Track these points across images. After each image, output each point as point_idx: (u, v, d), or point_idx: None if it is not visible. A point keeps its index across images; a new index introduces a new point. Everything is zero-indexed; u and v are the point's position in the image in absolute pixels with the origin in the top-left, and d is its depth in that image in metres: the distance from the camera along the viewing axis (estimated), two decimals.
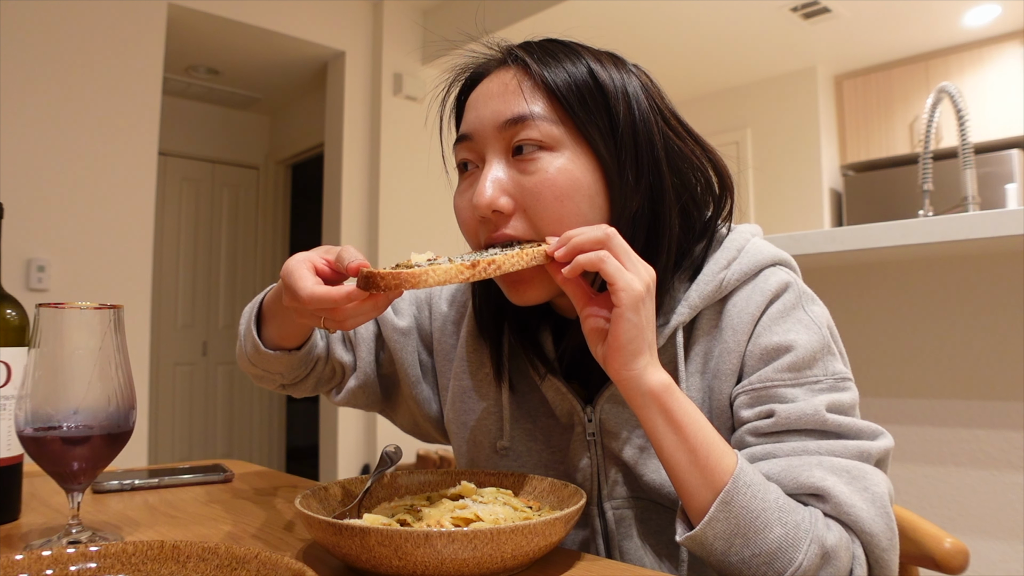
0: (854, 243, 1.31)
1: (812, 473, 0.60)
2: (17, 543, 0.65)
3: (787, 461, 0.62)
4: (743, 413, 0.67)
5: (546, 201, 0.66)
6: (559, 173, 0.66)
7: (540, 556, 0.57)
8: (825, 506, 0.60)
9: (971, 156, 1.82)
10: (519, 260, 0.61)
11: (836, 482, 0.60)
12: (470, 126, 0.71)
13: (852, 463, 0.61)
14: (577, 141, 0.68)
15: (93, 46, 3.11)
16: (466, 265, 0.58)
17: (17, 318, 0.73)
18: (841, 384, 0.65)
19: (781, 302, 0.68)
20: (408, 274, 0.56)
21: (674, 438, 0.60)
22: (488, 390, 0.81)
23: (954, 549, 0.75)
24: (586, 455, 0.74)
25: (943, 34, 4.19)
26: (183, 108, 4.78)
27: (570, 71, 0.68)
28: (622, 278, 0.59)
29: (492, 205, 0.66)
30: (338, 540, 0.53)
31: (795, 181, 4.65)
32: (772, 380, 0.65)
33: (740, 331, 0.68)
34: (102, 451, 0.63)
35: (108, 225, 3.12)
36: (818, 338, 0.66)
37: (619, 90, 0.68)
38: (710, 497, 0.58)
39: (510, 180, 0.67)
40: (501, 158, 0.68)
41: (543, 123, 0.67)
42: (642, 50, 4.29)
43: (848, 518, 0.59)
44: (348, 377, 0.87)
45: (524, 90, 0.68)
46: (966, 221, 1.21)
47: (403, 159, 4.09)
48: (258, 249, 5.14)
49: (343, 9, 4.04)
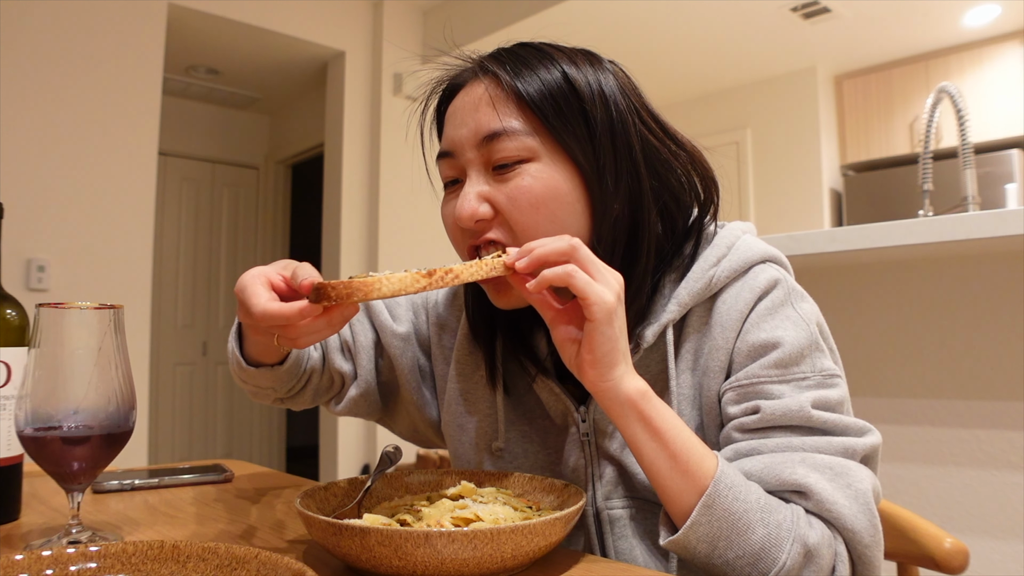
0: (854, 243, 1.31)
1: (795, 470, 0.60)
2: (17, 543, 0.65)
3: (770, 458, 0.62)
4: (730, 409, 0.67)
5: (523, 209, 0.67)
6: (536, 182, 0.67)
7: (540, 556, 0.57)
8: (807, 503, 0.60)
9: (971, 156, 1.82)
10: (478, 270, 0.60)
11: (819, 479, 0.60)
12: (449, 143, 0.71)
13: (836, 460, 0.61)
14: (554, 149, 0.68)
15: (93, 46, 3.11)
16: (422, 274, 0.57)
17: (17, 318, 0.73)
18: (829, 381, 0.65)
19: (770, 299, 0.68)
20: (360, 283, 0.54)
21: (653, 444, 0.60)
22: (483, 392, 0.81)
23: (954, 549, 0.75)
24: (580, 455, 0.74)
25: (943, 34, 4.19)
26: (183, 108, 4.78)
27: (544, 78, 0.68)
28: (593, 292, 0.58)
29: (474, 217, 0.67)
30: (338, 540, 0.53)
31: (795, 181, 4.65)
32: (759, 376, 0.65)
33: (729, 328, 0.68)
34: (102, 451, 0.63)
35: (108, 225, 3.12)
36: (806, 335, 0.66)
37: (595, 92, 0.68)
38: (692, 501, 0.58)
39: (491, 191, 0.68)
40: (481, 172, 0.69)
41: (519, 136, 0.67)
42: (642, 50, 4.29)
43: (830, 515, 0.59)
44: (348, 386, 0.87)
45: (497, 105, 0.68)
46: (966, 221, 1.21)
47: (403, 159, 4.09)
48: (258, 249, 5.14)
49: (343, 9, 4.04)
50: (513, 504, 0.65)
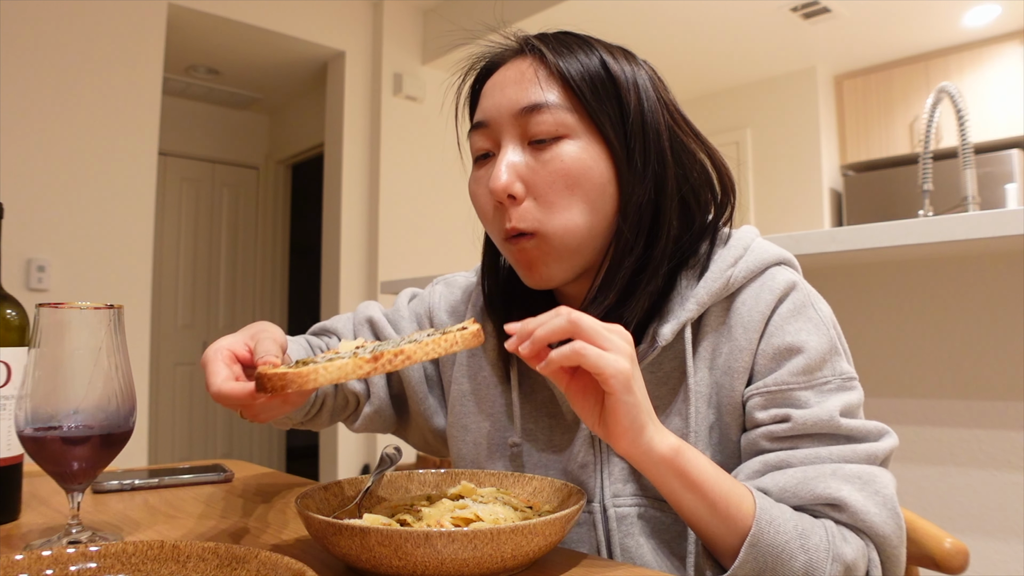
0: (854, 243, 1.31)
1: (828, 484, 0.62)
2: (17, 543, 0.65)
3: (803, 472, 0.64)
4: (757, 415, 0.68)
5: (558, 188, 0.68)
6: (572, 160, 0.68)
7: (540, 556, 0.57)
8: (841, 515, 0.62)
9: (971, 156, 1.82)
10: (435, 348, 0.57)
11: (851, 491, 0.62)
12: (486, 113, 0.72)
13: (863, 468, 0.64)
14: (589, 129, 0.70)
15: (93, 46, 3.11)
16: (366, 359, 0.54)
17: (17, 318, 0.73)
18: (848, 384, 0.68)
19: (791, 301, 0.69)
20: (295, 375, 0.52)
21: (692, 496, 0.61)
22: (493, 391, 0.81)
23: (954, 549, 0.75)
24: (589, 453, 0.74)
25: (943, 34, 4.19)
26: (183, 108, 4.78)
27: (583, 62, 0.70)
28: (608, 365, 0.56)
29: (507, 189, 0.68)
30: (338, 540, 0.53)
31: (795, 181, 4.65)
32: (787, 384, 0.67)
33: (751, 329, 0.69)
34: (102, 451, 0.63)
35: (108, 225, 3.12)
36: (827, 339, 0.68)
37: (630, 81, 0.71)
38: (736, 542, 0.60)
39: (525, 166, 0.69)
40: (517, 144, 0.70)
41: (558, 111, 0.69)
42: (642, 50, 4.25)
43: (864, 525, 0.62)
44: (363, 405, 0.88)
45: (540, 79, 0.70)
46: (966, 221, 1.21)
47: (403, 159, 4.09)
48: (258, 249, 5.14)
49: (343, 9, 4.04)
50: (513, 504, 0.65)
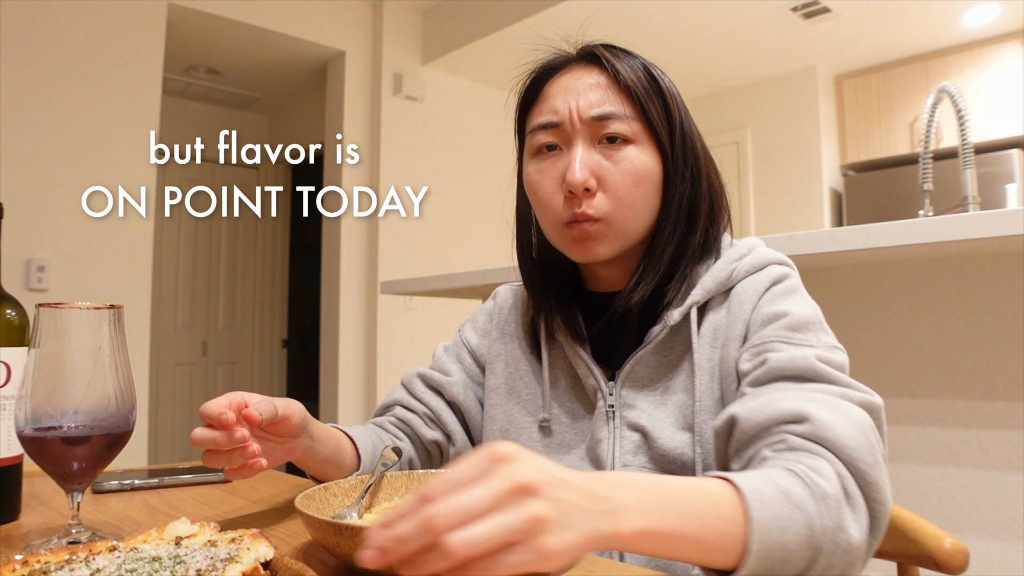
0: (854, 243, 1.31)
1: (793, 403, 0.62)
2: (17, 543, 0.65)
3: (771, 395, 0.64)
4: (743, 367, 0.72)
5: (628, 186, 0.77)
6: (639, 163, 0.78)
7: None
8: (803, 427, 0.59)
9: (971, 156, 1.82)
10: None
11: (816, 407, 0.61)
12: (559, 115, 0.79)
13: (836, 400, 0.63)
14: (648, 135, 0.79)
15: (93, 46, 3.11)
16: None
17: (17, 318, 0.73)
18: (833, 350, 0.70)
19: (783, 284, 0.77)
20: None
21: (677, 544, 0.50)
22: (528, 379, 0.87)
23: (954, 549, 0.75)
24: (604, 428, 0.78)
25: (943, 34, 4.19)
26: (183, 108, 4.78)
27: (639, 75, 0.80)
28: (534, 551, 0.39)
29: (584, 184, 0.76)
30: (338, 540, 0.53)
31: (795, 181, 4.65)
32: (769, 337, 0.72)
33: (746, 303, 0.76)
34: (102, 451, 0.63)
35: (108, 225, 3.12)
36: (813, 312, 0.74)
37: (675, 95, 0.81)
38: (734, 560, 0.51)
39: (597, 164, 0.77)
40: (589, 144, 0.78)
41: (629, 120, 0.78)
42: (642, 50, 4.25)
43: (827, 439, 0.58)
44: (448, 450, 0.93)
45: (612, 89, 0.79)
46: (966, 221, 1.21)
47: (403, 159, 4.09)
48: (258, 249, 5.14)
49: (343, 9, 4.04)
50: None
